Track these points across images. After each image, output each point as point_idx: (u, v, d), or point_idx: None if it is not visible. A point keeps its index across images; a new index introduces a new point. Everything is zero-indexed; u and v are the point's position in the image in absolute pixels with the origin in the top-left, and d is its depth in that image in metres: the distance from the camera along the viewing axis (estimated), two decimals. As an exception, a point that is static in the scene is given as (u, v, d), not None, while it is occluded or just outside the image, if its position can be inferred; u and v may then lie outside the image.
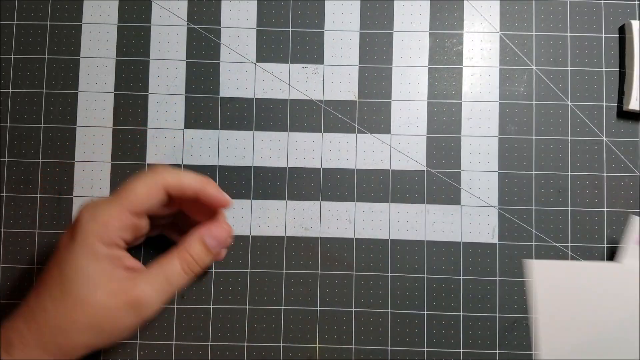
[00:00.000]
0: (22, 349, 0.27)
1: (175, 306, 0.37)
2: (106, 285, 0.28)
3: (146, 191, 0.29)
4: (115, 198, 0.29)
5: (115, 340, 0.29)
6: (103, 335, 0.28)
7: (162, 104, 0.38)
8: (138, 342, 0.37)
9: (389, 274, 0.37)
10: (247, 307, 0.37)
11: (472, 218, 0.38)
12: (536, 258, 0.37)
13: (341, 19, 0.39)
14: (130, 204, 0.29)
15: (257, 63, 0.39)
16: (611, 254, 0.37)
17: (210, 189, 0.31)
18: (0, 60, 0.39)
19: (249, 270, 0.37)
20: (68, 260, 0.28)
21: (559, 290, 0.36)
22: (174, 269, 0.29)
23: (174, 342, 0.37)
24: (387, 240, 0.38)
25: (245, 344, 0.37)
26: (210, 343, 0.37)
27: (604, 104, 0.38)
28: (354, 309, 0.37)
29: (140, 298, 0.28)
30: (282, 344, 0.37)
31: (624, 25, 0.38)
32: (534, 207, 0.38)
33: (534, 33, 0.39)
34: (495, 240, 0.38)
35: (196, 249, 0.30)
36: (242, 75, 0.39)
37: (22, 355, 0.27)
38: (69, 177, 0.38)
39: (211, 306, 0.37)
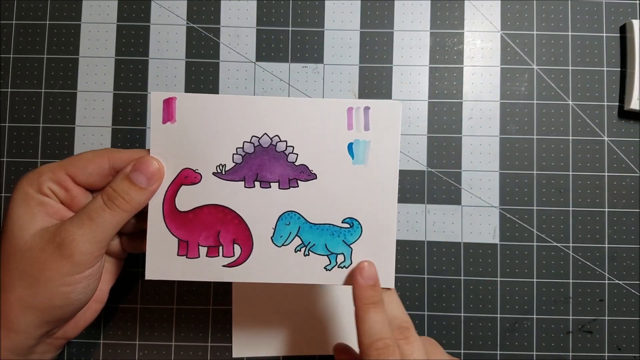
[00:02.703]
0: None
1: (175, 307, 0.37)
2: (32, 227, 0.28)
3: (89, 157, 0.29)
4: (58, 161, 0.30)
5: (54, 296, 0.27)
6: (36, 286, 0.27)
7: (162, 103, 0.38)
8: (137, 342, 0.37)
9: (390, 274, 0.37)
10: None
11: (473, 218, 0.38)
12: (537, 259, 0.37)
13: (341, 18, 0.39)
14: (70, 162, 0.29)
15: (256, 62, 0.39)
16: (613, 254, 0.37)
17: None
18: (-1, 60, 0.38)
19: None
20: (7, 209, 0.29)
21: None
22: (95, 204, 0.28)
23: (173, 343, 0.37)
24: (388, 240, 0.37)
25: (245, 344, 0.37)
26: (209, 344, 0.37)
27: (605, 103, 0.38)
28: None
29: (64, 237, 0.27)
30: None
31: (625, 24, 0.38)
32: (534, 207, 0.38)
33: (534, 32, 0.39)
34: (496, 240, 0.37)
35: (117, 181, 0.29)
36: (241, 74, 0.38)
37: None
38: (68, 177, 0.38)
39: (210, 307, 0.37)
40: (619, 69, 0.38)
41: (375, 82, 0.38)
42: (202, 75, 0.38)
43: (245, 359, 0.37)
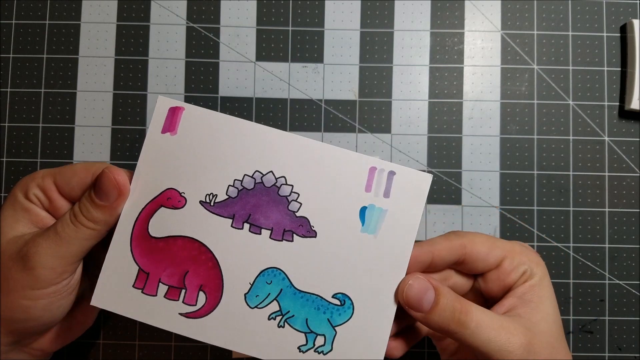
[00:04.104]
0: None
1: (175, 307, 0.37)
2: (11, 233, 0.27)
3: (77, 169, 0.28)
4: (54, 168, 0.29)
5: (14, 307, 0.26)
6: (1, 295, 0.26)
7: (162, 103, 0.38)
8: (137, 343, 0.37)
9: (390, 274, 0.37)
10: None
11: (473, 218, 0.37)
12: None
13: (341, 18, 0.39)
14: (59, 171, 0.28)
15: (256, 62, 0.39)
16: (613, 254, 0.37)
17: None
18: (-2, 60, 0.38)
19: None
20: None
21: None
22: (63, 219, 0.27)
23: (172, 343, 0.37)
24: (388, 240, 0.37)
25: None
26: (209, 344, 0.37)
27: (606, 103, 0.38)
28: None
29: (29, 248, 0.26)
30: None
31: (625, 24, 0.38)
32: (535, 207, 0.38)
33: (535, 32, 0.39)
34: (497, 240, 0.37)
35: (83, 198, 0.27)
36: (241, 74, 0.38)
37: None
38: (67, 177, 0.38)
39: (211, 307, 0.37)
40: (620, 69, 0.38)
41: (375, 81, 0.38)
42: (202, 75, 0.38)
43: (245, 359, 0.37)
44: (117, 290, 0.26)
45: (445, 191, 0.38)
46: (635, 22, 0.37)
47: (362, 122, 0.38)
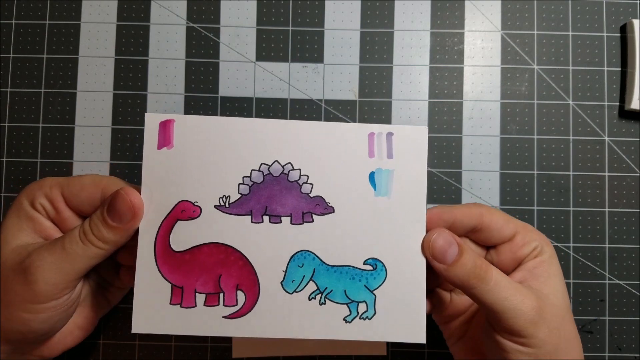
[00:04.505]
0: None
1: (175, 307, 0.37)
2: (14, 242, 0.27)
3: (86, 183, 0.28)
4: (65, 177, 0.29)
5: (13, 319, 0.26)
6: (1, 305, 0.26)
7: (162, 103, 0.38)
8: (137, 342, 0.37)
9: (390, 274, 0.37)
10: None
11: (473, 218, 0.37)
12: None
13: (341, 18, 0.39)
14: (67, 183, 0.28)
15: (256, 62, 0.39)
16: (613, 254, 0.37)
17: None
18: (-2, 60, 0.38)
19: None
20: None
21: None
22: (71, 235, 0.26)
23: (173, 343, 0.37)
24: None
25: (245, 344, 0.37)
26: (209, 344, 0.37)
27: (606, 103, 0.38)
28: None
29: (32, 261, 0.26)
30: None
31: (625, 24, 0.38)
32: (535, 207, 0.38)
33: (535, 32, 0.39)
34: (497, 240, 0.37)
35: (94, 215, 0.27)
36: (241, 74, 0.38)
37: None
38: (67, 177, 0.38)
39: (211, 307, 0.37)
40: (620, 69, 0.38)
41: (375, 81, 0.38)
42: (202, 75, 0.38)
43: (245, 359, 0.37)
44: (155, 312, 0.26)
45: (445, 191, 0.38)
46: (635, 22, 0.37)
47: (362, 122, 0.38)
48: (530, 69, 0.38)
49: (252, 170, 0.27)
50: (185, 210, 0.26)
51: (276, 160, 0.27)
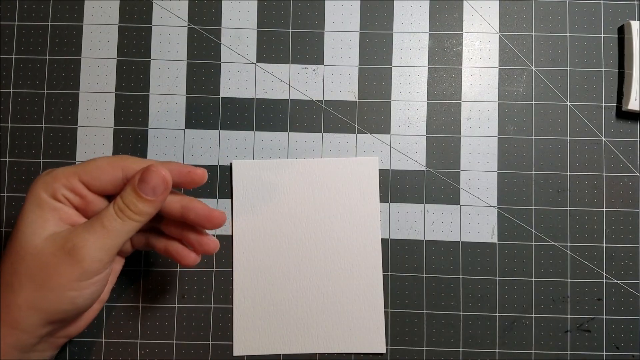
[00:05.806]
0: None
1: (176, 305, 0.37)
2: (44, 232, 0.28)
3: (104, 165, 0.30)
4: (74, 165, 0.30)
5: (61, 300, 0.28)
6: (44, 289, 0.27)
7: (163, 104, 0.39)
8: (139, 341, 0.37)
9: (389, 274, 0.37)
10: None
11: (472, 218, 0.38)
12: (535, 258, 0.37)
13: (341, 20, 0.39)
14: (84, 170, 0.29)
15: (257, 63, 0.39)
16: (610, 254, 0.37)
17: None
18: (1, 61, 0.39)
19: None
20: (20, 211, 0.29)
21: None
22: (108, 213, 0.29)
23: (174, 342, 0.37)
24: (387, 239, 0.38)
25: (246, 343, 0.37)
26: (210, 342, 0.37)
27: (603, 104, 0.38)
28: (353, 309, 0.37)
29: (76, 243, 0.28)
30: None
31: (623, 25, 0.39)
32: (533, 207, 0.38)
33: (533, 33, 0.39)
34: (495, 239, 0.38)
35: (126, 192, 0.29)
36: (242, 75, 0.39)
37: None
38: (70, 177, 0.38)
39: (212, 305, 0.37)
40: (617, 70, 0.39)
41: (374, 82, 0.39)
42: (203, 77, 0.39)
43: (246, 358, 0.37)
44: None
45: (443, 191, 0.38)
46: (633, 23, 0.37)
47: (361, 123, 0.38)
48: (528, 70, 0.39)
49: None
50: None
51: None
